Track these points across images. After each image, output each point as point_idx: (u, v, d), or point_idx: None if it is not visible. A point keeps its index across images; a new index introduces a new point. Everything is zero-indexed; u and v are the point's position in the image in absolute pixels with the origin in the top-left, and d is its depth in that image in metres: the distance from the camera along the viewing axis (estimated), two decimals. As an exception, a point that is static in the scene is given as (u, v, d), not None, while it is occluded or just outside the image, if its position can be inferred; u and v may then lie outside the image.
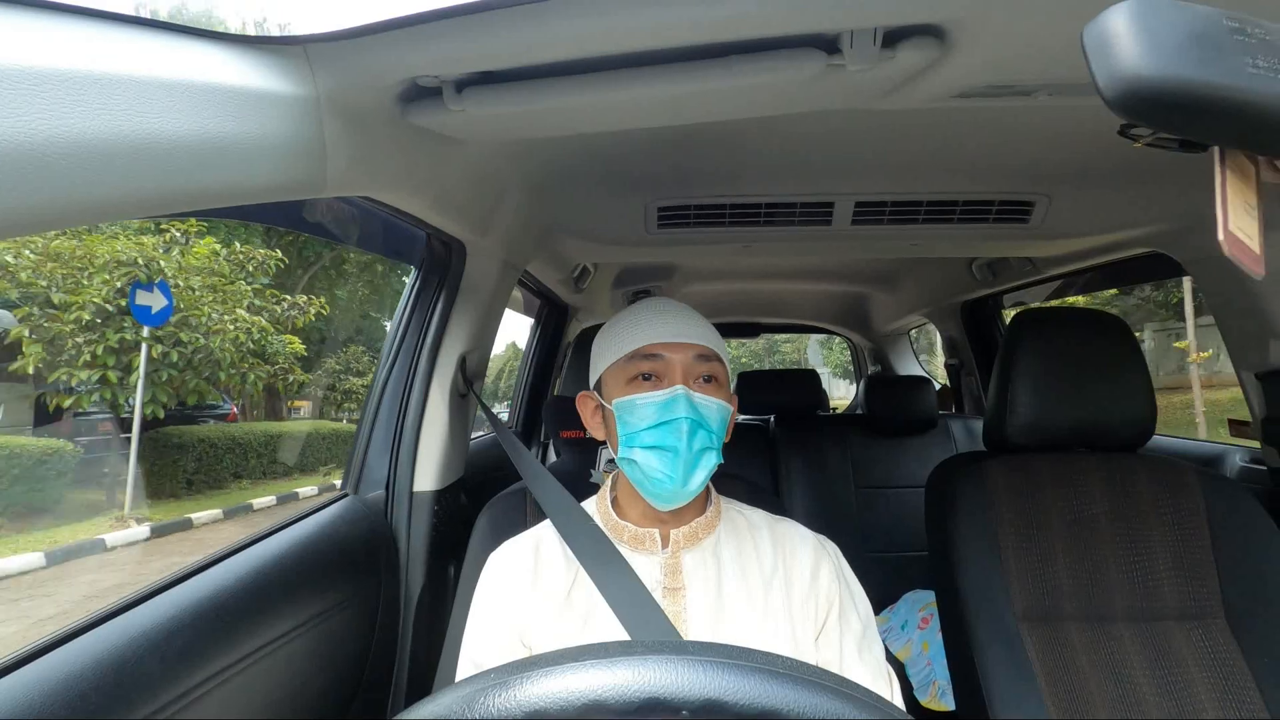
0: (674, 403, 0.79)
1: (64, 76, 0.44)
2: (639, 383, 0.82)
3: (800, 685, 0.39)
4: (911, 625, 1.90)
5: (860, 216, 1.49)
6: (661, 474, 0.78)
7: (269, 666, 0.90)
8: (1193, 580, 1.12)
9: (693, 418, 0.78)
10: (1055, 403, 1.19)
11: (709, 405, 0.80)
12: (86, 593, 4.31)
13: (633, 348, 0.82)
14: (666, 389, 0.80)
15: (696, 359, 0.82)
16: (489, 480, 1.61)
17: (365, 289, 12.71)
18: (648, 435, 0.79)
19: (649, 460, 0.78)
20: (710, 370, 0.82)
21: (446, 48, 0.66)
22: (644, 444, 0.79)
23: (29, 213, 0.43)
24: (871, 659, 0.81)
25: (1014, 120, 1.10)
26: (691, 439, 0.78)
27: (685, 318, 0.84)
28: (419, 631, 1.25)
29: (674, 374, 0.81)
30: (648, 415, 0.79)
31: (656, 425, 0.78)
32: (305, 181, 0.69)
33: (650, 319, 0.84)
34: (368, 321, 13.34)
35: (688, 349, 0.82)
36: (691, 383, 0.81)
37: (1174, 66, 0.36)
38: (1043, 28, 0.66)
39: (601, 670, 0.39)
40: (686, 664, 0.39)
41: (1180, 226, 1.41)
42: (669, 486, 0.78)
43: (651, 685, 0.38)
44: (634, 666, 0.39)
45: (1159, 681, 1.06)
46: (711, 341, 0.84)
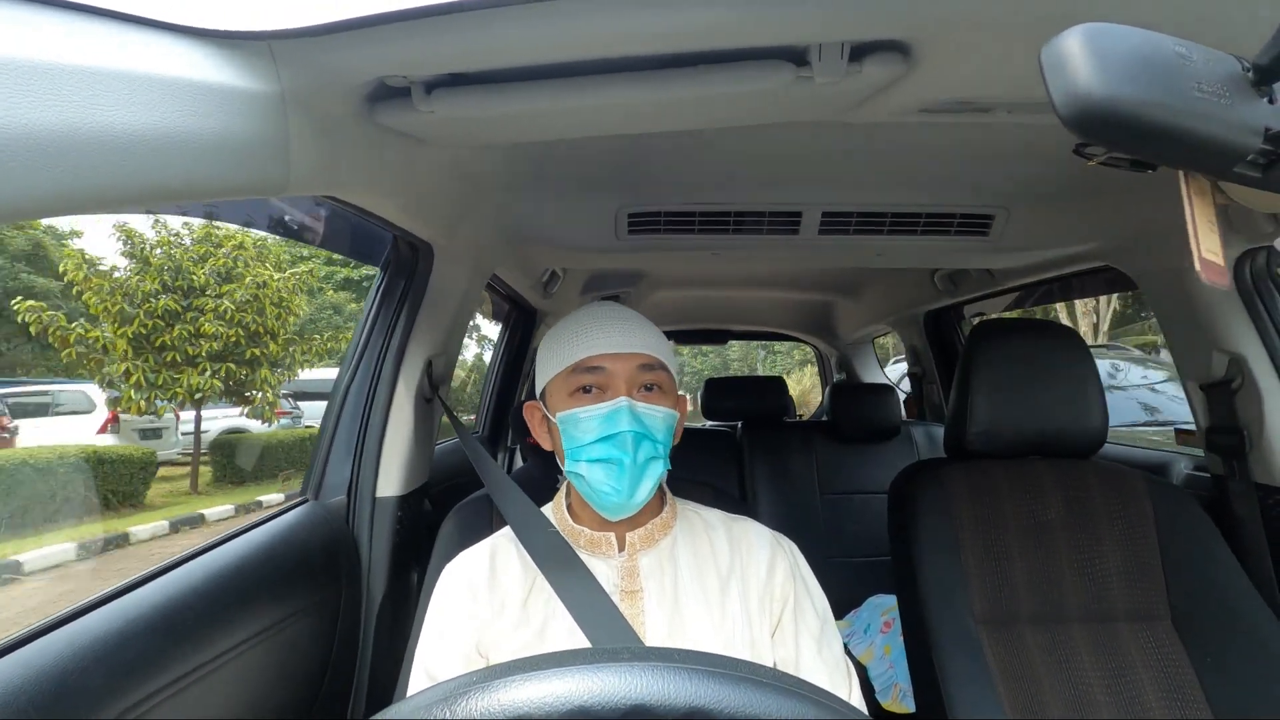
0: (616, 415, 0.78)
1: (11, 65, 0.43)
2: (581, 395, 0.81)
3: (785, 695, 0.39)
4: (874, 629, 1.93)
5: (827, 226, 1.51)
6: (608, 487, 0.78)
7: (224, 677, 0.87)
8: (1141, 583, 1.16)
9: (637, 430, 0.78)
10: (1012, 411, 1.22)
11: (653, 415, 0.80)
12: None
13: (574, 360, 0.81)
14: (609, 401, 0.79)
15: (639, 369, 0.81)
16: (454, 486, 1.59)
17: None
18: (593, 449, 0.78)
19: (595, 474, 0.78)
20: (654, 379, 0.82)
21: (415, 48, 0.65)
22: (589, 457, 0.79)
23: None
24: (830, 656, 0.81)
25: (975, 136, 1.13)
26: (636, 451, 0.77)
27: (627, 326, 0.83)
28: (380, 640, 1.23)
29: (617, 385, 0.80)
30: (591, 429, 0.79)
31: (601, 439, 0.78)
32: (268, 180, 0.68)
33: (591, 329, 0.82)
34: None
35: (630, 359, 0.80)
36: (635, 393, 0.80)
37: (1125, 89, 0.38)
38: (1003, 47, 0.69)
39: (589, 677, 0.39)
40: (673, 672, 0.39)
41: (1130, 242, 1.46)
42: (616, 499, 0.78)
43: (638, 693, 0.38)
44: (621, 674, 0.39)
45: (1109, 682, 1.10)
46: (654, 349, 0.83)
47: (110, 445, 7.30)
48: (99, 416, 8.17)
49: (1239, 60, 0.41)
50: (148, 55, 0.53)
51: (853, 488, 2.34)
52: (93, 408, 8.26)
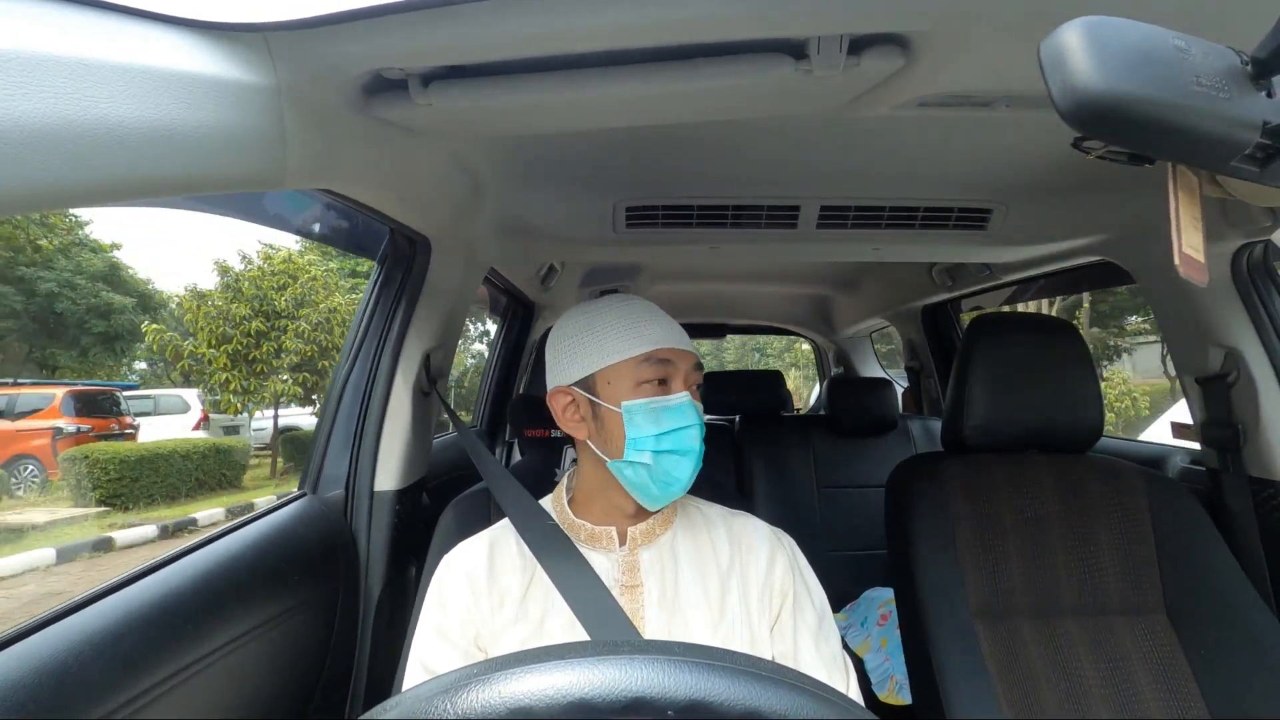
0: (688, 409, 0.81)
1: (3, 56, 0.42)
2: (654, 386, 0.81)
3: (783, 688, 0.39)
4: (871, 622, 1.94)
5: (825, 221, 1.51)
6: (674, 477, 0.80)
7: (221, 671, 0.87)
8: (1136, 577, 1.17)
9: (700, 424, 0.82)
10: (1009, 405, 1.22)
11: (701, 414, 0.84)
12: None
13: (647, 349, 0.81)
14: (678, 395, 0.82)
15: (694, 368, 0.84)
16: (452, 480, 1.59)
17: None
18: (665, 440, 0.80)
19: (663, 464, 0.80)
20: (699, 380, 0.85)
21: (411, 40, 0.65)
22: (659, 448, 0.80)
23: None
24: (828, 651, 0.82)
25: (974, 130, 1.13)
26: (700, 444, 0.81)
27: (679, 326, 0.87)
28: (378, 634, 1.23)
29: (679, 380, 0.83)
30: (666, 420, 0.80)
31: (674, 430, 0.80)
32: (264, 173, 0.68)
33: (656, 321, 0.84)
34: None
35: (690, 357, 0.84)
36: (691, 390, 0.83)
37: (1124, 83, 0.38)
38: (1002, 41, 0.68)
39: (589, 669, 0.39)
40: (674, 665, 0.39)
41: (1127, 236, 1.46)
42: (676, 489, 0.81)
43: (638, 685, 0.38)
44: (622, 666, 0.39)
45: (1104, 675, 1.10)
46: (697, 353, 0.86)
47: (215, 439, 9.25)
48: (193, 416, 10.34)
49: (1237, 54, 0.41)
50: (142, 47, 0.52)
51: (850, 481, 2.34)
52: (188, 409, 10.41)
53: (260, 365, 8.76)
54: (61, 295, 10.35)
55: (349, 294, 10.16)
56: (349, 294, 10.16)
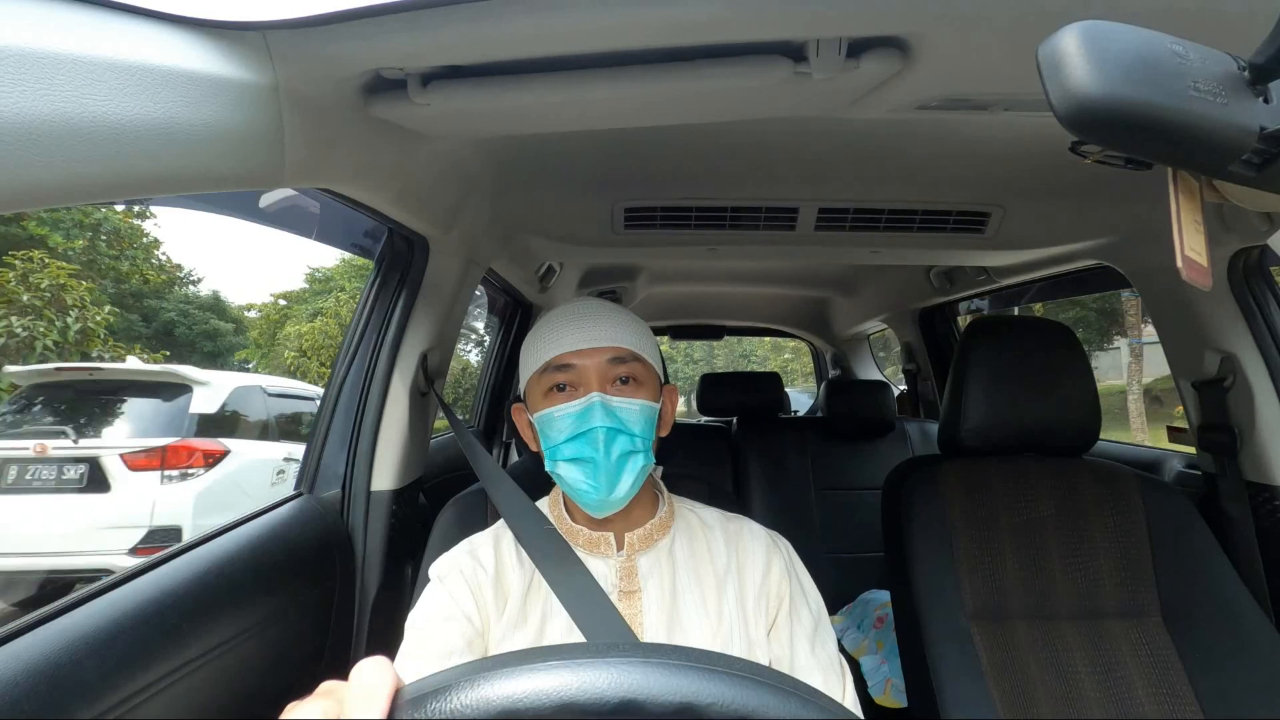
0: (589, 412, 0.77)
1: (6, 54, 0.42)
2: (554, 394, 0.80)
3: (774, 692, 0.39)
4: (867, 624, 1.94)
5: (823, 223, 1.51)
6: (585, 485, 0.77)
7: (217, 670, 0.87)
8: (1132, 580, 1.17)
9: (609, 425, 0.77)
10: (1005, 408, 1.23)
11: (628, 408, 0.79)
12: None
13: (545, 359, 0.81)
14: (581, 398, 0.78)
15: (611, 362, 0.80)
16: (449, 480, 1.59)
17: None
18: (567, 448, 0.78)
19: (571, 472, 0.78)
20: (628, 371, 0.80)
21: (411, 40, 0.65)
22: (564, 456, 0.78)
23: None
24: (824, 654, 0.81)
25: (972, 133, 1.13)
26: (610, 447, 0.76)
27: (598, 320, 0.82)
28: (375, 634, 1.23)
29: (589, 381, 0.79)
30: (564, 427, 0.78)
31: (574, 437, 0.77)
32: (262, 171, 0.67)
33: (561, 327, 0.82)
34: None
35: (599, 354, 0.80)
36: (608, 387, 0.79)
37: (1121, 87, 0.38)
38: (1000, 45, 0.69)
39: (576, 671, 0.39)
40: (664, 668, 0.39)
41: (1124, 240, 1.47)
42: (595, 497, 0.77)
43: (627, 688, 0.38)
44: (609, 669, 0.39)
45: (1100, 678, 1.11)
46: (626, 340, 0.81)
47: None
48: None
49: (1235, 59, 0.41)
50: (141, 45, 0.52)
51: (847, 484, 2.34)
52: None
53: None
54: (179, 323, 12.28)
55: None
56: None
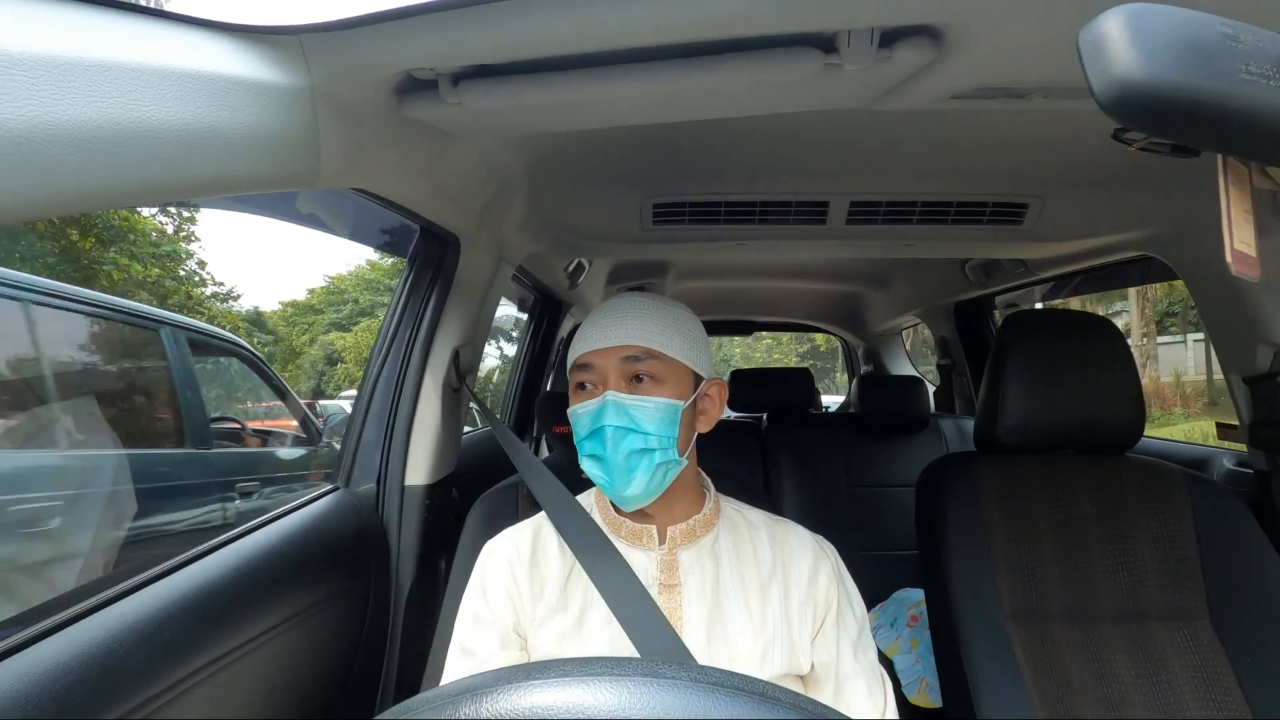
0: (601, 411, 0.80)
1: (52, 63, 0.44)
2: (579, 392, 0.84)
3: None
4: (901, 623, 1.91)
5: (855, 216, 1.49)
6: (602, 480, 0.81)
7: (257, 660, 0.90)
8: (1178, 582, 1.13)
9: (618, 424, 0.78)
10: (1044, 405, 1.19)
11: (642, 406, 0.79)
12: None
13: (573, 358, 0.84)
14: (597, 397, 0.81)
15: (624, 360, 0.80)
16: (480, 475, 1.61)
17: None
18: (586, 444, 0.82)
19: (591, 468, 0.82)
20: (643, 369, 0.80)
21: (442, 40, 0.66)
22: (585, 452, 0.82)
23: (15, 201, 0.43)
24: (866, 661, 0.82)
25: (1009, 122, 1.10)
26: (618, 445, 0.78)
27: (619, 319, 0.82)
28: (409, 626, 1.25)
29: (606, 379, 0.81)
30: (583, 425, 0.82)
31: (590, 434, 0.81)
32: (298, 173, 0.69)
33: (590, 325, 0.84)
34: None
35: (614, 352, 0.80)
36: (624, 385, 0.80)
37: (1167, 72, 0.37)
38: (1039, 31, 0.67)
39: (622, 688, 0.35)
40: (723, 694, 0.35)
41: (1172, 231, 1.42)
42: (610, 492, 0.81)
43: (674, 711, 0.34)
44: (658, 690, 0.35)
45: (1143, 681, 1.07)
46: (646, 338, 0.81)
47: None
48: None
49: None
50: (183, 52, 0.54)
51: (879, 481, 2.31)
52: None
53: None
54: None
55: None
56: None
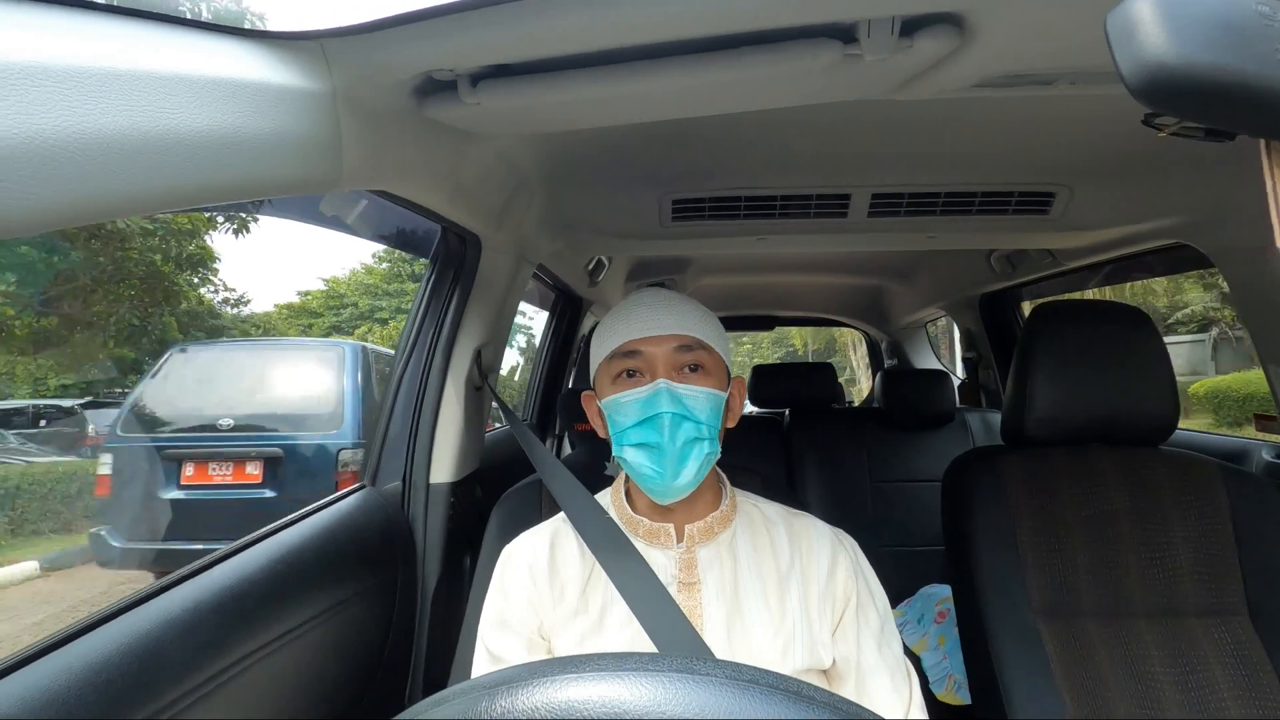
0: (655, 398, 0.78)
1: (88, 74, 0.45)
2: (623, 380, 0.82)
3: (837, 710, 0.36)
4: (928, 619, 1.89)
5: (877, 209, 1.48)
6: (650, 470, 0.78)
7: (290, 654, 0.91)
8: (1215, 577, 1.10)
9: (675, 411, 0.77)
10: (1074, 397, 1.17)
11: (694, 395, 0.79)
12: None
13: (614, 346, 0.82)
14: (648, 385, 0.79)
15: (678, 349, 0.80)
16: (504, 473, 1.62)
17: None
18: (633, 433, 0.79)
19: (637, 457, 0.79)
20: (695, 359, 0.81)
21: (461, 41, 0.66)
22: (631, 441, 0.79)
23: (53, 208, 0.44)
24: (890, 655, 0.80)
25: (1034, 110, 1.08)
26: (675, 432, 0.77)
27: (667, 308, 0.83)
28: (435, 622, 1.27)
29: (655, 368, 0.80)
30: (631, 412, 0.79)
31: (640, 422, 0.78)
32: (321, 176, 0.70)
33: (630, 314, 0.83)
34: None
35: (667, 341, 0.80)
36: (674, 374, 0.80)
37: (1200, 53, 0.35)
38: (1064, 15, 0.65)
39: (643, 683, 0.35)
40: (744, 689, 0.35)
41: (1206, 217, 1.38)
42: (659, 482, 0.78)
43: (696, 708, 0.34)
44: (681, 685, 0.35)
45: (1180, 679, 1.05)
46: (695, 329, 0.82)
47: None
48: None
49: None
50: (210, 59, 0.55)
51: (904, 476, 2.29)
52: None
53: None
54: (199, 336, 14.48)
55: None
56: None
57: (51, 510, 5.34)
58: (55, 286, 7.19)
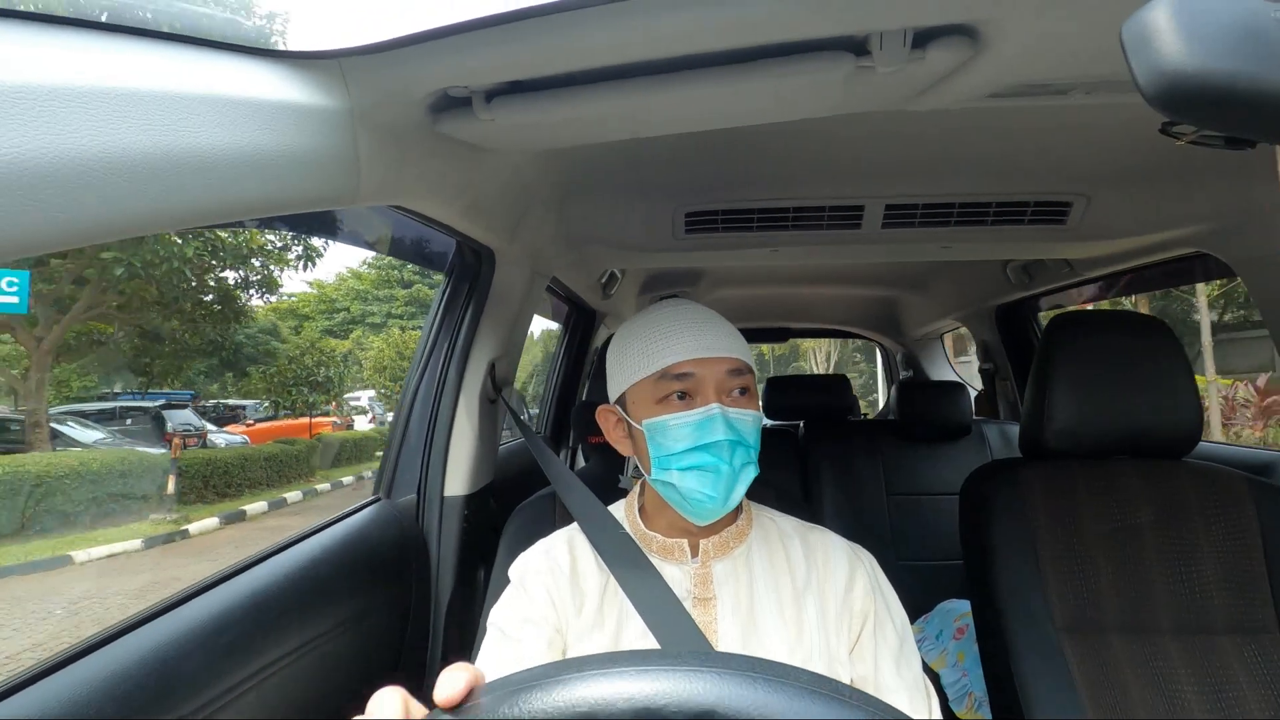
0: (711, 423, 0.75)
1: (110, 94, 0.46)
2: (672, 402, 0.78)
3: (801, 694, 0.37)
4: (947, 635, 1.86)
5: (891, 220, 1.47)
6: (703, 495, 0.75)
7: (305, 666, 0.92)
8: (1245, 593, 1.08)
9: (732, 437, 0.75)
10: (1095, 408, 1.15)
11: (744, 419, 0.77)
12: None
13: (662, 365, 0.78)
14: (701, 408, 0.76)
15: (729, 374, 0.78)
16: (518, 485, 1.62)
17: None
18: (687, 457, 0.76)
19: (688, 482, 0.76)
20: (744, 383, 0.79)
21: (476, 58, 0.67)
22: (682, 465, 0.76)
23: (76, 226, 0.45)
24: (909, 674, 0.78)
25: (1049, 119, 1.07)
26: (733, 457, 0.75)
27: (715, 329, 0.81)
28: (449, 634, 1.27)
29: (707, 391, 0.77)
30: (684, 437, 0.76)
31: (696, 447, 0.75)
32: (339, 192, 0.71)
33: (678, 332, 0.79)
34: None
35: (720, 364, 0.78)
36: (725, 398, 0.78)
37: (1218, 61, 0.35)
38: (1079, 25, 0.65)
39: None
40: (681, 675, 0.38)
41: (1227, 225, 1.36)
42: (710, 506, 0.76)
43: (644, 697, 0.37)
44: (628, 678, 0.38)
45: (1208, 697, 1.02)
46: (742, 352, 0.80)
47: (380, 428, 14.59)
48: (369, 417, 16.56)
49: None
50: (230, 79, 0.56)
51: (921, 489, 2.26)
52: (369, 412, 16.54)
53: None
54: (245, 345, 15.45)
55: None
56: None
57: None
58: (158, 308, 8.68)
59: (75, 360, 10.78)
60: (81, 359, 10.59)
